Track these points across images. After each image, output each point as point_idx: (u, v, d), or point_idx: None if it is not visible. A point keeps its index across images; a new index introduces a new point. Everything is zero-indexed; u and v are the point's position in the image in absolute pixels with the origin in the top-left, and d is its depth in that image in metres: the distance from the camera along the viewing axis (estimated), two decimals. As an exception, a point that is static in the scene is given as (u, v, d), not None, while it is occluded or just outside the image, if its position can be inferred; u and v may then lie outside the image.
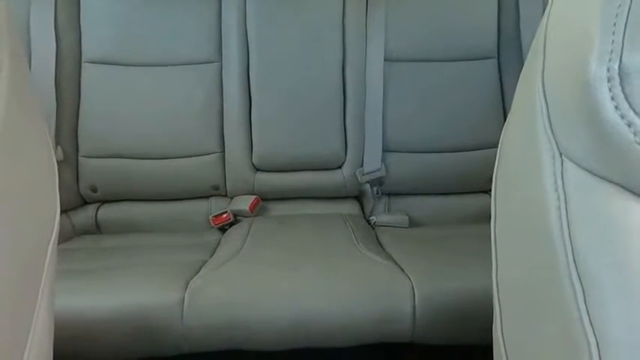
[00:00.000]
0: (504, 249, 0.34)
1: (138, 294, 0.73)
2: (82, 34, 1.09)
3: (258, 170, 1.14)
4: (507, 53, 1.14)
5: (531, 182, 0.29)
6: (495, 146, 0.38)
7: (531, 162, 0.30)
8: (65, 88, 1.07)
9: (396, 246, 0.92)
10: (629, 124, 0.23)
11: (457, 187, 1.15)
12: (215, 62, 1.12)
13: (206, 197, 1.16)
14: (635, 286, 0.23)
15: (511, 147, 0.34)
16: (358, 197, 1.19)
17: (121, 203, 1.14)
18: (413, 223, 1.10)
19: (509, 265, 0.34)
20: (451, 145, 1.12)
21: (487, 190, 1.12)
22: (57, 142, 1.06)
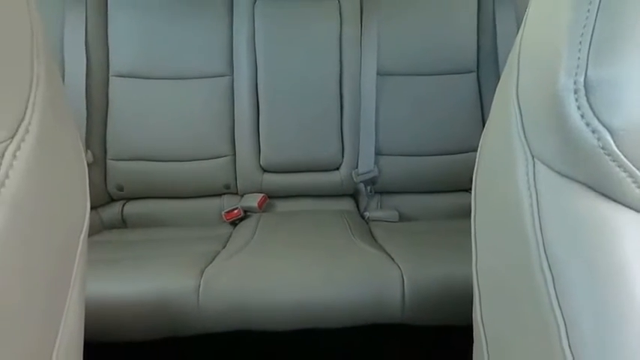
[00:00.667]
0: (483, 241, 0.34)
1: (159, 281, 0.73)
2: (110, 51, 1.09)
3: (265, 171, 1.14)
4: (485, 68, 1.14)
5: (507, 182, 0.29)
6: (475, 150, 0.38)
7: (507, 164, 0.30)
8: (94, 99, 1.07)
9: (387, 238, 0.92)
10: (593, 131, 0.23)
11: (442, 186, 1.15)
12: (227, 76, 1.12)
13: (219, 195, 1.16)
14: (599, 275, 0.23)
15: (489, 150, 0.34)
16: (353, 195, 1.19)
17: (144, 200, 1.14)
18: (402, 218, 1.10)
19: (487, 255, 0.34)
20: (436, 149, 1.12)
21: (468, 189, 1.12)
22: (87, 147, 1.06)
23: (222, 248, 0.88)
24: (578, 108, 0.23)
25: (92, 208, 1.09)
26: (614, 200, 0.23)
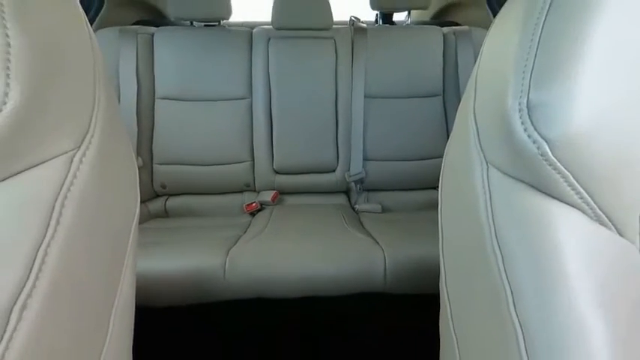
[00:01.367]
0: (447, 227, 0.34)
1: (193, 259, 0.74)
2: (155, 79, 1.09)
3: (277, 173, 1.14)
4: (449, 92, 1.14)
5: (466, 181, 0.29)
6: (441, 156, 0.38)
7: (466, 167, 0.30)
8: (143, 117, 1.07)
9: (373, 226, 0.92)
10: (534, 142, 0.23)
11: (415, 185, 1.14)
12: (247, 99, 1.12)
13: (240, 192, 1.15)
14: (538, 253, 0.23)
15: (452, 157, 0.34)
16: (346, 192, 1.18)
17: (182, 196, 1.13)
18: (384, 210, 1.10)
19: (450, 239, 0.33)
20: (411, 156, 1.12)
21: (436, 187, 1.12)
22: (137, 154, 1.06)
23: (243, 233, 0.88)
24: (522, 124, 0.23)
25: (141, 202, 1.09)
26: (550, 196, 0.23)
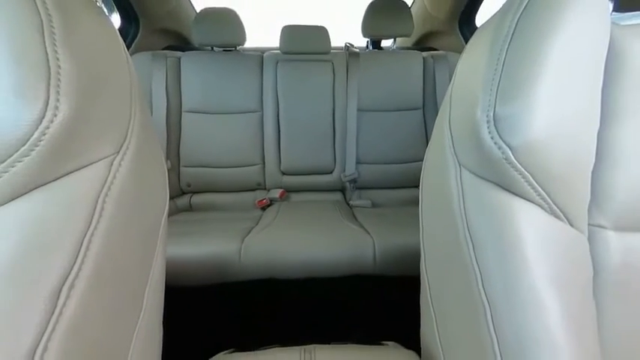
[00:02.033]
0: (427, 220, 0.34)
1: (213, 246, 0.74)
2: (182, 95, 1.09)
3: (284, 174, 1.13)
4: (428, 106, 1.14)
5: (442, 181, 0.29)
6: (422, 160, 0.38)
7: (442, 169, 0.29)
8: (172, 126, 1.07)
9: (364, 218, 0.92)
10: (499, 148, 0.22)
11: (400, 184, 1.14)
12: (258, 112, 1.12)
13: (253, 190, 1.15)
14: (502, 241, 0.23)
15: (431, 160, 0.34)
16: (342, 190, 1.18)
17: (205, 193, 1.13)
18: (374, 205, 1.09)
19: (429, 229, 0.33)
20: (396, 159, 1.12)
21: (417, 186, 1.12)
22: (167, 158, 1.06)
23: (255, 225, 0.88)
24: (489, 133, 0.23)
25: (170, 199, 1.09)
26: (512, 193, 0.23)
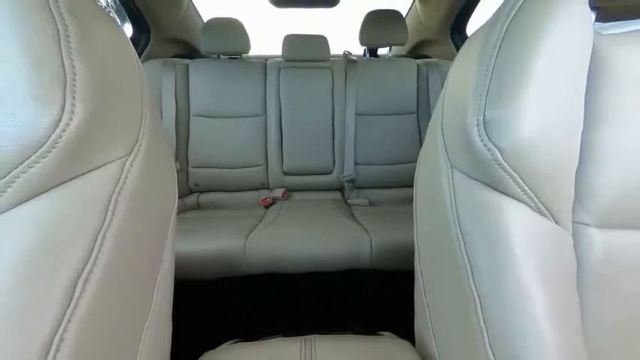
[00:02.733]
0: (420, 217, 0.34)
1: (219, 242, 0.74)
2: (190, 100, 1.09)
3: (286, 174, 1.13)
4: (422, 110, 1.14)
5: (435, 181, 0.29)
6: (416, 161, 0.38)
7: (435, 170, 0.29)
8: (181, 130, 1.07)
9: (362, 216, 0.92)
10: (488, 150, 0.23)
11: (395, 184, 1.14)
12: (261, 116, 1.12)
13: (257, 189, 1.15)
14: (491, 237, 0.23)
15: (424, 162, 0.34)
16: (341, 189, 1.18)
17: (212, 192, 1.13)
18: (371, 204, 1.09)
19: (422, 226, 0.33)
20: (392, 161, 1.12)
21: (411, 185, 1.12)
22: (176, 159, 1.06)
23: (259, 222, 0.88)
24: (479, 136, 0.23)
25: (179, 198, 1.09)
26: (501, 192, 0.23)
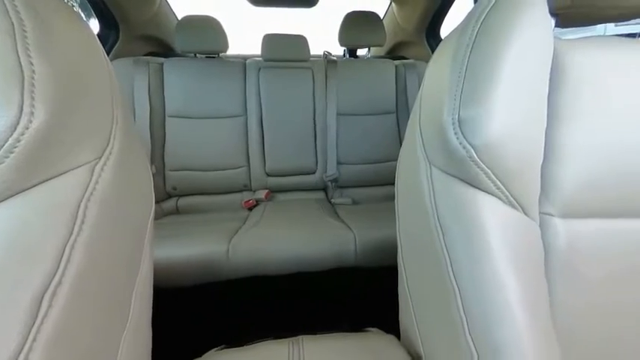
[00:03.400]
0: (402, 213, 0.35)
1: (202, 246, 0.71)
2: (165, 100, 1.04)
3: (269, 175, 1.12)
4: (401, 110, 1.16)
5: (415, 178, 0.30)
6: (396, 159, 0.38)
7: (414, 168, 0.30)
8: (156, 132, 1.02)
9: (346, 215, 0.93)
10: (463, 147, 0.23)
11: (377, 182, 1.16)
12: (242, 116, 1.09)
13: (239, 191, 1.12)
14: (468, 229, 0.24)
15: (404, 160, 0.34)
16: (324, 189, 1.18)
17: (191, 196, 1.09)
18: (355, 202, 1.10)
19: (404, 222, 0.34)
20: (373, 160, 1.14)
21: (393, 183, 1.14)
22: (151, 163, 1.01)
23: (242, 225, 0.86)
24: (454, 134, 0.24)
25: (156, 202, 1.04)
26: (476, 187, 0.24)
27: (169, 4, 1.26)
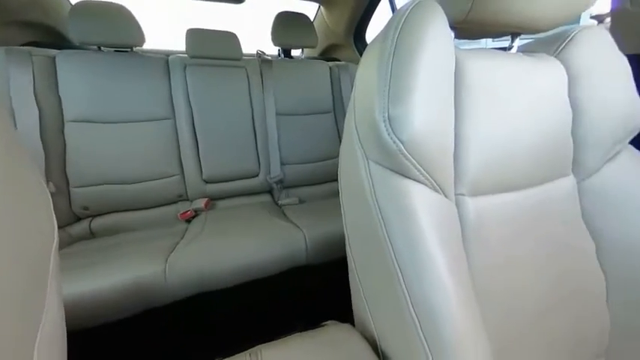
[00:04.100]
0: (347, 207, 0.36)
1: (130, 271, 0.61)
2: (62, 102, 0.85)
3: (207, 182, 1.03)
4: (338, 109, 1.21)
5: (355, 173, 0.32)
6: (337, 156, 0.40)
7: (354, 163, 0.32)
8: (51, 141, 0.82)
9: (294, 215, 0.92)
10: (394, 142, 0.26)
11: (322, 180, 1.18)
12: (170, 119, 0.97)
13: (174, 202, 1.01)
14: (403, 216, 0.26)
15: (344, 156, 0.36)
16: (270, 191, 1.15)
17: (110, 215, 0.92)
18: (301, 201, 1.11)
19: (349, 215, 0.35)
20: (317, 158, 1.16)
21: (336, 179, 1.18)
22: (48, 179, 0.81)
23: (181, 239, 0.78)
24: (386, 130, 0.26)
25: (60, 227, 0.84)
26: (407, 177, 0.27)
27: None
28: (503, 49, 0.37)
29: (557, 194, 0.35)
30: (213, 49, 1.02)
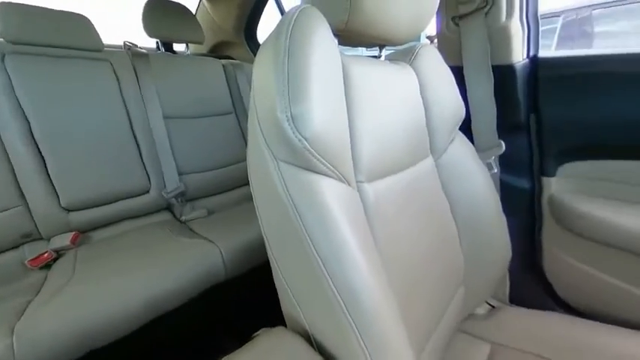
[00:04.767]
0: (262, 210, 0.35)
1: None
2: None
3: (70, 211, 0.78)
4: (239, 109, 1.15)
5: (266, 174, 0.31)
6: (245, 160, 0.38)
7: (263, 165, 0.31)
8: None
9: (204, 229, 0.83)
10: (299, 140, 0.27)
11: (231, 186, 1.10)
12: None
13: (16, 247, 0.72)
14: (316, 208, 0.28)
15: (252, 159, 0.35)
16: (168, 207, 0.98)
17: None
18: (210, 213, 0.99)
19: (266, 218, 0.35)
20: (221, 164, 1.06)
21: (247, 184, 1.12)
22: None
23: (34, 296, 0.56)
24: (290, 128, 0.26)
25: None
26: (315, 172, 0.29)
27: None
28: (374, 57, 0.45)
29: (424, 172, 0.46)
30: (51, 35, 0.77)
